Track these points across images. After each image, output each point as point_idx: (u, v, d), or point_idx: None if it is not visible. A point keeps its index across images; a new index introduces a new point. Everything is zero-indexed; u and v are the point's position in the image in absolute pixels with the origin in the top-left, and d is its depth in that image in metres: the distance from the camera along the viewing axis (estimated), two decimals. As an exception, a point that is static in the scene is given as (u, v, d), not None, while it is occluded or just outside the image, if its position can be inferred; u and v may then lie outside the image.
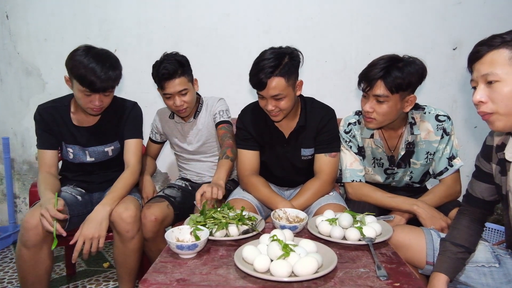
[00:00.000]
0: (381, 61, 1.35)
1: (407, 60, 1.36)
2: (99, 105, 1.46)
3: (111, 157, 1.67)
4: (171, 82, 1.60)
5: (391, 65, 1.33)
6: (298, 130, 1.59)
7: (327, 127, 1.58)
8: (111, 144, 1.64)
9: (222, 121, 1.78)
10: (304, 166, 1.67)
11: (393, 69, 1.32)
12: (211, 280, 0.93)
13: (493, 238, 1.94)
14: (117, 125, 1.63)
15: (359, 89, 1.43)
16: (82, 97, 1.44)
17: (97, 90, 1.41)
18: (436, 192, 1.48)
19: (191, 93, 1.68)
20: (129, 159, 1.59)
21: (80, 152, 1.62)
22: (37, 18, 2.42)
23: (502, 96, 0.85)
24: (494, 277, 1.07)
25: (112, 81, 1.44)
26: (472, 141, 2.41)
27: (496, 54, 0.86)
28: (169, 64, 1.59)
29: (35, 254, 1.37)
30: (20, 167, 2.62)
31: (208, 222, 1.21)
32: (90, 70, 1.37)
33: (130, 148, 1.61)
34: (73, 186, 1.67)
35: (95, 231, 1.34)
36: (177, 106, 1.66)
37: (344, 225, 1.18)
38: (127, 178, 1.53)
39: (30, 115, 2.52)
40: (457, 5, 2.27)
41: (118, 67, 1.48)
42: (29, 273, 1.39)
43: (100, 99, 1.46)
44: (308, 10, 2.32)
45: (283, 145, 1.63)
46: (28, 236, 1.34)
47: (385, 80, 1.32)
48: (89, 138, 1.59)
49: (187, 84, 1.65)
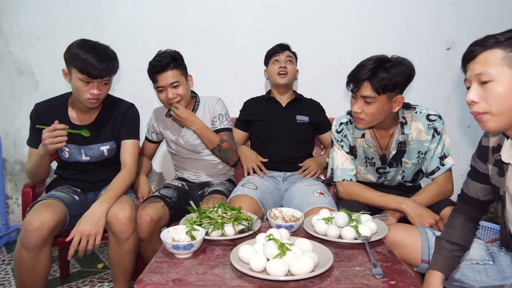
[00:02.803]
0: (369, 62, 1.35)
1: (395, 60, 1.35)
2: (97, 94, 1.46)
3: (106, 157, 1.66)
4: (163, 74, 1.63)
5: (378, 66, 1.32)
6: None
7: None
8: (107, 143, 1.64)
9: (223, 129, 1.81)
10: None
11: (379, 70, 1.32)
12: (207, 280, 0.92)
13: (486, 236, 1.96)
14: (113, 125, 1.63)
15: (348, 90, 1.43)
16: (81, 87, 1.44)
17: (96, 76, 1.42)
18: (427, 191, 1.49)
19: (184, 87, 1.69)
20: (126, 159, 1.60)
21: (75, 151, 1.61)
22: (29, 16, 2.39)
23: (495, 96, 0.86)
24: (488, 274, 1.08)
25: (110, 68, 1.46)
26: (465, 141, 2.43)
27: (490, 54, 0.87)
28: (162, 58, 1.64)
29: (35, 256, 1.35)
30: (12, 167, 2.58)
31: (204, 222, 1.21)
32: (89, 57, 1.40)
33: (127, 148, 1.62)
34: (68, 185, 1.66)
35: (92, 228, 1.34)
36: (169, 99, 1.66)
37: (340, 224, 1.19)
38: (124, 178, 1.53)
39: (23, 114, 2.49)
40: (451, 6, 2.29)
41: (115, 57, 1.52)
42: (27, 276, 1.37)
43: (99, 88, 1.46)
44: (304, 9, 2.33)
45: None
46: (29, 238, 1.32)
47: (371, 82, 1.32)
48: (85, 137, 1.58)
49: (179, 77, 1.67)
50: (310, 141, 2.00)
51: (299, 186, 1.74)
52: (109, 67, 1.45)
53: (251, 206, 1.52)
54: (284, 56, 1.90)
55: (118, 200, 1.48)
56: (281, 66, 1.87)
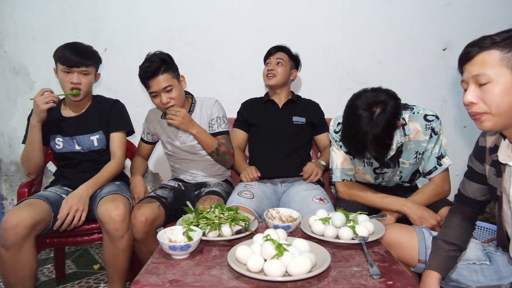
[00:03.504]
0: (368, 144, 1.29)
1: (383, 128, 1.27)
2: (77, 83, 1.61)
3: (97, 148, 1.73)
4: (154, 79, 1.62)
5: (377, 145, 1.30)
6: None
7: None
8: (96, 133, 1.73)
9: (220, 132, 1.81)
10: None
11: (381, 147, 1.31)
12: (204, 280, 0.92)
13: (482, 236, 1.96)
14: (100, 117, 1.75)
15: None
16: (63, 78, 1.61)
17: (73, 65, 1.59)
18: (425, 191, 1.49)
19: (177, 89, 1.68)
20: (115, 150, 1.71)
21: (68, 141, 1.72)
22: (25, 16, 2.37)
23: (493, 96, 0.86)
24: (485, 274, 1.09)
25: (85, 58, 1.62)
26: (461, 141, 2.45)
27: (487, 55, 0.87)
28: (152, 62, 1.62)
29: (14, 256, 1.35)
30: (8, 168, 2.56)
31: (201, 222, 1.20)
32: (67, 51, 1.60)
33: (115, 140, 1.73)
34: (60, 185, 1.69)
35: (78, 203, 1.47)
36: (164, 104, 1.65)
37: (337, 224, 1.19)
38: (111, 167, 1.66)
39: (18, 115, 2.48)
40: (447, 6, 2.31)
41: (94, 52, 1.70)
42: (9, 275, 1.38)
43: (78, 78, 1.62)
44: (300, 10, 2.33)
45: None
46: (6, 237, 1.33)
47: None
48: (75, 128, 1.71)
49: (171, 80, 1.65)
50: (308, 143, 1.98)
51: (297, 189, 1.72)
52: (85, 57, 1.62)
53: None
54: (274, 58, 1.94)
55: (112, 198, 1.50)
56: (269, 69, 1.93)
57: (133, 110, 1.92)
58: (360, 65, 2.37)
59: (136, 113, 1.74)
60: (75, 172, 1.73)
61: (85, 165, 1.73)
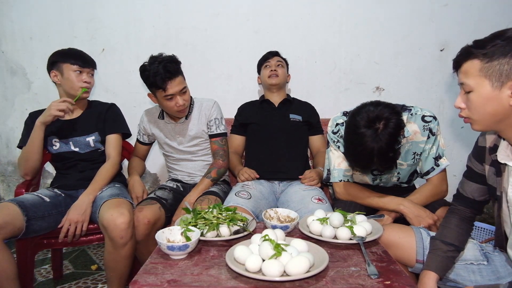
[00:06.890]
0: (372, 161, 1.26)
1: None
2: (89, 81, 1.68)
3: (93, 148, 1.74)
4: (173, 81, 1.61)
5: (384, 160, 1.27)
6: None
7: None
8: (92, 134, 1.75)
9: (219, 134, 1.80)
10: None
11: (387, 162, 1.28)
12: (203, 280, 0.92)
13: (480, 237, 1.97)
14: (97, 120, 1.77)
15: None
16: (75, 77, 1.64)
17: (87, 63, 1.68)
18: (422, 191, 1.49)
19: (188, 91, 1.70)
20: (110, 152, 1.73)
21: (65, 144, 1.73)
22: (22, 16, 2.37)
23: (474, 104, 0.92)
24: (482, 274, 1.09)
25: (93, 61, 1.73)
26: (459, 141, 2.45)
27: (470, 65, 0.91)
28: (170, 64, 1.60)
29: None
30: (5, 168, 2.55)
31: (199, 222, 1.20)
32: (76, 52, 1.69)
33: (111, 142, 1.75)
34: (53, 188, 1.70)
35: (79, 216, 1.50)
36: (179, 106, 1.65)
37: (335, 225, 1.19)
38: (108, 169, 1.68)
39: (15, 115, 2.47)
40: (444, 7, 2.31)
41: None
42: None
43: (89, 76, 1.69)
44: (298, 10, 2.33)
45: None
46: None
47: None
48: (72, 131, 1.73)
49: (184, 82, 1.68)
50: (305, 142, 1.99)
51: (296, 189, 1.72)
52: (92, 60, 1.73)
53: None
54: (274, 61, 2.02)
55: (116, 203, 1.47)
56: (272, 70, 1.99)
57: (130, 110, 1.92)
58: (358, 65, 2.37)
59: (133, 113, 1.74)
60: (72, 172, 1.73)
61: (82, 164, 1.73)
